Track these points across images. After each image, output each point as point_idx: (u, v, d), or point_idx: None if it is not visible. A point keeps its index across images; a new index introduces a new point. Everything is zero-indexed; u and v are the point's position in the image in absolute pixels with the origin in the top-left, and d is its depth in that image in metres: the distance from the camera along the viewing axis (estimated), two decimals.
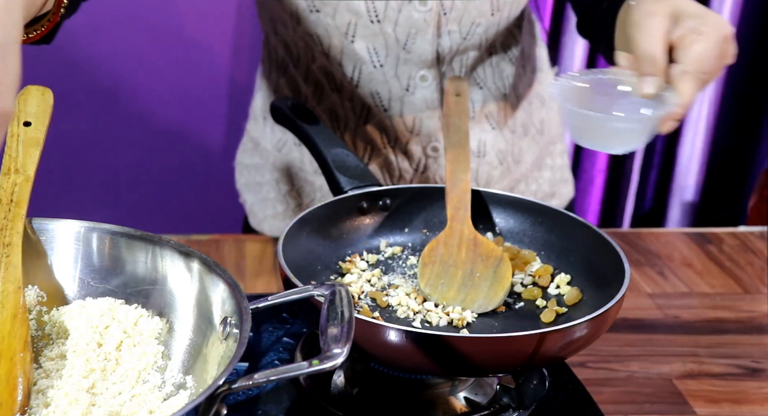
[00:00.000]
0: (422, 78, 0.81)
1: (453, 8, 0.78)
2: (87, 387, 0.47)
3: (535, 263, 0.68)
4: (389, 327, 0.52)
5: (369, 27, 0.78)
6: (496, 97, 0.87)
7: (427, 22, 0.78)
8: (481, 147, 0.88)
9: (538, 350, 0.53)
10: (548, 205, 0.70)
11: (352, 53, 0.79)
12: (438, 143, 0.85)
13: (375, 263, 0.68)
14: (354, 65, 0.80)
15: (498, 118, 0.88)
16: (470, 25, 0.79)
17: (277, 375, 0.43)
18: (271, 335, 0.66)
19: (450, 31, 0.79)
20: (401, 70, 0.81)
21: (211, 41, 1.42)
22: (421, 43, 0.79)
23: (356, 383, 0.60)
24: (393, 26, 0.77)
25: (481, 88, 0.85)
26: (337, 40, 0.79)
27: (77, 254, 0.54)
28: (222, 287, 0.49)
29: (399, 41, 0.78)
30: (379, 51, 0.78)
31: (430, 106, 0.83)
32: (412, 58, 0.80)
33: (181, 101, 1.44)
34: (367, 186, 0.70)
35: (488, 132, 0.88)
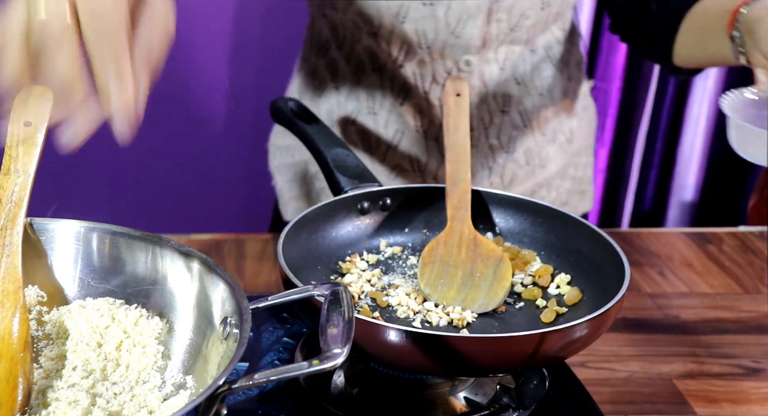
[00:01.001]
0: (466, 63, 0.83)
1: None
2: (87, 387, 0.47)
3: (535, 263, 0.68)
4: (389, 327, 0.52)
5: (420, 10, 0.79)
6: (533, 96, 0.89)
7: (479, 8, 0.79)
8: (511, 143, 0.89)
9: (538, 350, 0.53)
10: (548, 205, 0.70)
11: (401, 34, 0.81)
12: (472, 131, 0.86)
13: (375, 263, 0.68)
14: (401, 46, 0.82)
15: (531, 117, 0.90)
16: (519, 16, 0.81)
17: (278, 375, 0.43)
18: (271, 335, 0.66)
19: (499, 19, 0.80)
20: (447, 53, 0.82)
21: (212, 41, 1.42)
22: (471, 28, 0.80)
23: (356, 383, 0.60)
24: (445, 10, 0.79)
25: (518, 84, 0.87)
26: (387, 21, 0.80)
27: (77, 254, 0.54)
28: (222, 287, 0.49)
29: (449, 25, 0.80)
30: (428, 34, 0.80)
31: (471, 92, 0.84)
32: (459, 43, 0.81)
33: (181, 101, 1.44)
34: (367, 186, 0.70)
35: (520, 129, 0.89)
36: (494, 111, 0.87)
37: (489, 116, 0.87)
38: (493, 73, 0.85)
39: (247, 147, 1.47)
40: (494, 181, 0.91)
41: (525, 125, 0.89)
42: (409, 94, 0.85)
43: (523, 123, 0.89)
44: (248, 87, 1.43)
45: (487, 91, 0.86)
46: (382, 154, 0.89)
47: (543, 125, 0.92)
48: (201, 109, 1.47)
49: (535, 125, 0.90)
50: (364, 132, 0.89)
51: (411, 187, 0.73)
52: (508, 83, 0.87)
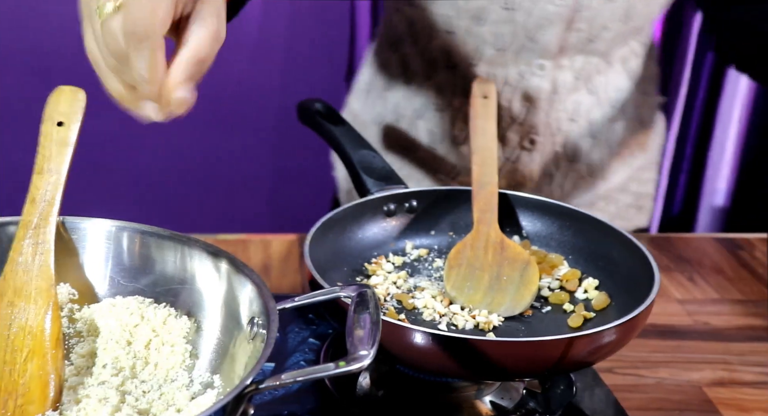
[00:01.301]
0: (540, 67, 0.82)
1: (588, 7, 0.79)
2: (116, 384, 0.48)
3: (562, 267, 0.67)
4: (415, 330, 0.52)
5: (500, 13, 0.79)
6: (603, 108, 0.87)
7: (559, 16, 0.78)
8: (576, 153, 0.88)
9: (565, 355, 0.52)
10: (576, 208, 0.69)
11: (478, 35, 0.80)
12: (537, 136, 0.86)
13: (401, 266, 0.68)
14: (476, 46, 0.81)
15: (600, 129, 0.88)
16: (600, 28, 0.80)
17: (304, 376, 0.43)
18: (297, 336, 0.67)
19: (579, 28, 0.80)
20: (522, 56, 0.81)
21: (240, 41, 1.43)
22: (549, 35, 0.80)
23: (382, 385, 0.60)
24: (525, 16, 0.78)
25: (591, 95, 0.86)
26: (465, 22, 0.80)
27: (108, 253, 0.54)
28: (249, 287, 0.50)
29: (527, 30, 0.79)
30: (505, 37, 0.79)
31: (540, 95, 0.84)
32: (535, 48, 0.81)
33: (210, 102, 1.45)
34: (394, 188, 0.70)
35: (586, 140, 0.88)
36: (562, 119, 0.86)
37: (556, 124, 0.86)
38: (566, 80, 0.84)
39: (274, 148, 1.48)
40: (554, 190, 0.91)
41: (592, 136, 0.88)
42: None
43: (590, 134, 0.88)
44: (275, 88, 1.44)
45: (557, 98, 0.85)
46: (445, 150, 0.89)
47: (611, 138, 0.90)
48: (229, 110, 1.48)
49: (603, 137, 0.89)
50: (429, 129, 0.89)
51: (437, 189, 0.73)
52: (579, 92, 0.86)
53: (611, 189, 0.94)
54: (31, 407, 0.45)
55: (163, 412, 0.47)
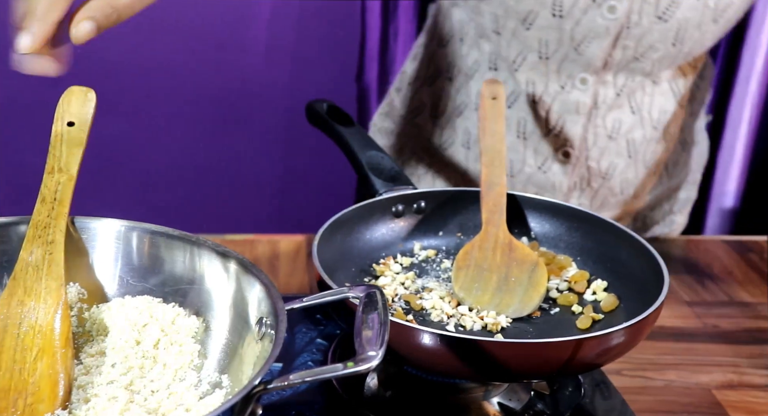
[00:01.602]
0: (582, 80, 0.81)
1: (638, 24, 0.77)
2: (125, 384, 0.48)
3: (570, 268, 0.67)
4: (423, 331, 0.52)
5: (548, 19, 0.78)
6: (645, 129, 0.86)
7: (608, 30, 0.77)
8: (610, 170, 0.87)
9: (574, 356, 0.52)
10: (585, 210, 0.69)
11: (523, 39, 0.80)
12: (572, 149, 0.85)
13: (409, 266, 0.68)
14: (520, 51, 0.81)
15: (638, 148, 0.87)
16: (647, 47, 0.78)
17: (313, 376, 0.43)
18: (305, 336, 0.67)
19: (626, 45, 0.78)
20: (564, 67, 0.80)
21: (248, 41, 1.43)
22: (595, 48, 0.78)
23: (389, 386, 0.60)
24: (573, 25, 0.77)
25: (633, 113, 0.84)
26: (512, 24, 0.79)
27: (117, 253, 0.54)
28: (258, 287, 0.50)
29: (573, 40, 0.78)
30: (550, 44, 0.79)
31: (579, 110, 0.82)
32: (580, 60, 0.80)
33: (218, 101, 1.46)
34: (402, 189, 0.70)
35: (623, 158, 0.87)
36: (600, 135, 0.85)
37: (593, 139, 0.84)
38: (608, 96, 0.83)
39: (283, 148, 1.48)
40: (583, 202, 0.90)
41: (630, 155, 0.86)
42: (518, 99, 0.84)
43: (628, 153, 0.86)
44: (284, 88, 1.45)
45: (597, 113, 0.84)
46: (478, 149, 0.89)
47: (649, 158, 0.89)
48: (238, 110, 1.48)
49: (641, 156, 0.88)
50: (466, 129, 0.89)
51: (446, 190, 0.73)
52: (622, 110, 0.84)
53: (642, 207, 0.93)
54: (41, 406, 0.45)
55: (171, 412, 0.47)
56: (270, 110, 1.47)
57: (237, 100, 1.47)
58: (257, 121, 1.49)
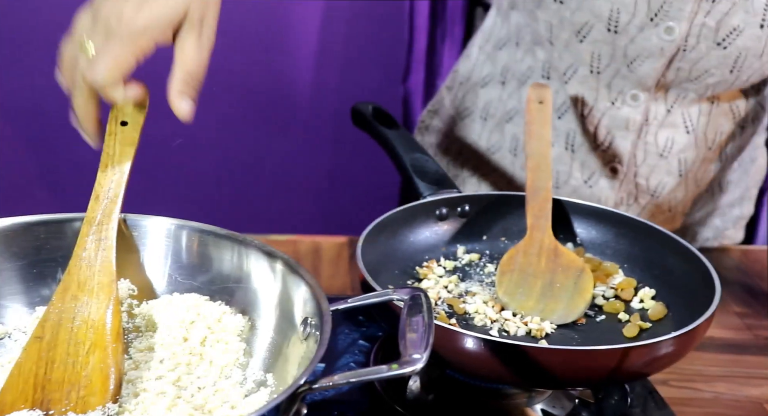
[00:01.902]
0: (633, 97, 0.79)
1: (695, 49, 0.75)
2: (173, 379, 0.49)
3: (617, 275, 0.66)
4: (467, 335, 0.52)
5: (603, 33, 0.76)
6: (699, 148, 0.83)
7: (663, 51, 0.75)
8: (659, 188, 0.85)
9: (620, 365, 0.51)
10: (633, 216, 0.68)
11: (576, 51, 0.79)
12: (620, 166, 0.83)
13: (452, 270, 0.68)
14: (571, 63, 0.80)
15: (690, 167, 0.84)
16: (703, 71, 0.76)
17: (357, 378, 0.43)
18: (347, 337, 0.67)
19: (680, 67, 0.76)
20: (616, 82, 0.79)
21: (296, 43, 1.44)
22: (648, 68, 0.76)
23: (432, 389, 0.60)
24: (627, 41, 0.75)
25: (688, 133, 0.81)
26: (566, 35, 0.78)
27: (167, 251, 0.55)
28: (304, 288, 0.50)
29: (626, 57, 0.77)
30: (603, 59, 0.77)
31: (629, 126, 0.80)
32: (631, 78, 0.78)
33: (265, 102, 1.47)
34: (446, 192, 0.70)
35: (673, 176, 0.84)
36: (651, 152, 0.82)
37: (643, 155, 0.82)
38: (659, 112, 0.80)
39: (327, 150, 1.49)
40: None
41: (681, 174, 0.84)
42: (568, 111, 0.83)
43: (679, 172, 0.84)
44: (331, 90, 1.45)
45: (647, 130, 0.82)
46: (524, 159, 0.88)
47: (700, 177, 0.86)
48: (284, 111, 1.49)
49: (692, 175, 0.85)
50: (515, 136, 0.89)
51: (490, 194, 0.72)
52: (676, 130, 0.82)
53: (691, 223, 0.91)
54: (93, 398, 0.46)
55: (217, 408, 0.47)
56: (316, 111, 1.48)
57: (284, 101, 1.48)
58: (303, 122, 1.50)
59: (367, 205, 1.28)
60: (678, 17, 0.73)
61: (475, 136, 0.93)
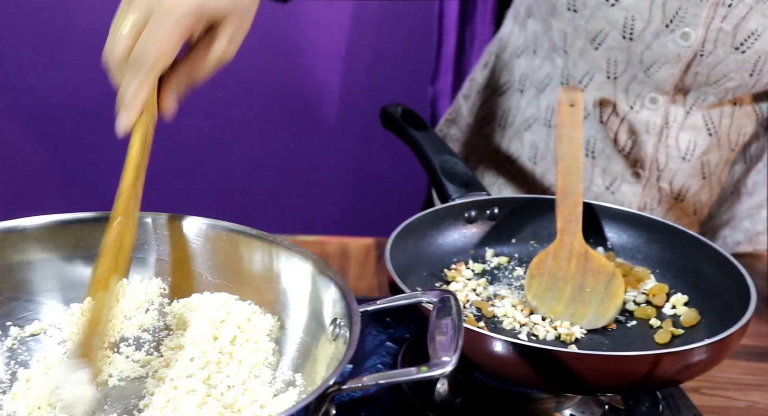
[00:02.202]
0: (652, 100, 0.78)
1: (712, 53, 0.74)
2: (203, 378, 0.49)
3: (649, 281, 0.65)
4: (496, 338, 0.52)
5: (619, 41, 0.76)
6: (722, 149, 0.83)
7: (680, 57, 0.74)
8: (683, 191, 0.84)
9: (652, 372, 0.50)
10: (665, 221, 0.67)
11: (591, 59, 0.79)
12: (642, 170, 0.82)
13: (480, 273, 0.67)
14: (588, 71, 0.80)
15: (713, 169, 0.83)
16: (722, 76, 0.75)
17: (387, 379, 0.43)
18: (375, 339, 0.67)
19: (698, 72, 0.75)
20: (633, 87, 0.78)
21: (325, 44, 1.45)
22: (664, 74, 0.76)
23: (460, 392, 0.60)
24: (643, 48, 0.75)
25: (710, 135, 0.80)
26: (581, 43, 0.78)
27: (198, 250, 0.56)
28: (333, 289, 0.50)
29: (643, 64, 0.76)
30: (619, 65, 0.77)
31: (649, 129, 0.80)
32: (649, 83, 0.77)
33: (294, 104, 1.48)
34: (475, 195, 0.70)
35: (697, 179, 0.84)
36: (672, 156, 0.82)
37: (665, 159, 0.81)
38: (679, 116, 0.80)
39: (356, 151, 1.50)
40: None
41: (704, 176, 0.83)
42: (587, 118, 0.82)
43: (702, 174, 0.83)
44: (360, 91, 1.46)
45: (668, 133, 0.81)
46: (547, 165, 0.88)
47: (725, 179, 0.86)
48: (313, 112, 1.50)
49: (716, 178, 0.84)
50: (533, 141, 0.88)
51: (520, 197, 0.72)
52: (698, 132, 0.81)
53: (718, 226, 0.90)
54: None
55: (246, 407, 0.48)
56: (344, 112, 1.48)
57: (312, 102, 1.49)
58: (332, 123, 1.51)
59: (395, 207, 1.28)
60: (694, 23, 0.72)
61: (494, 144, 0.93)
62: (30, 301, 0.54)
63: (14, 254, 0.53)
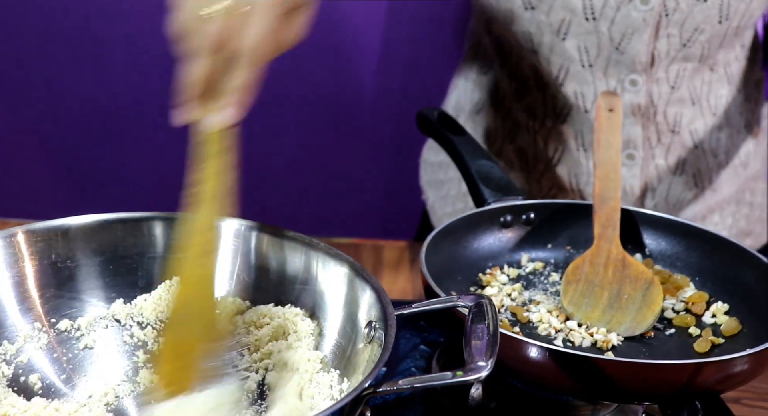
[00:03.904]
0: (632, 82, 0.79)
1: (677, 10, 0.75)
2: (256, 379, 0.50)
3: (688, 288, 0.64)
4: (532, 344, 0.51)
5: (583, 25, 0.77)
6: (705, 117, 0.83)
7: (646, 22, 0.75)
8: (679, 165, 0.85)
9: (691, 381, 0.50)
10: (705, 228, 0.66)
11: (562, 51, 0.79)
12: (635, 151, 0.83)
13: (516, 278, 0.67)
14: (561, 64, 0.80)
15: (702, 138, 0.84)
16: (693, 30, 0.76)
17: (422, 383, 0.43)
18: (408, 342, 0.67)
19: (669, 34, 0.76)
20: (611, 71, 0.78)
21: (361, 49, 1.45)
22: (637, 43, 0.76)
23: (494, 397, 0.60)
24: (609, 25, 0.76)
25: (693, 104, 0.81)
26: (547, 38, 0.78)
27: (236, 251, 0.57)
28: (369, 292, 0.51)
29: (613, 41, 0.76)
30: (590, 50, 0.77)
31: (634, 112, 0.80)
32: (624, 60, 0.78)
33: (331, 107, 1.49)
34: (511, 199, 0.70)
35: (689, 150, 0.84)
36: (663, 131, 0.83)
37: (657, 136, 0.82)
38: (662, 92, 0.80)
39: (390, 154, 1.50)
40: (658, 203, 0.87)
41: (695, 146, 0.84)
42: (570, 112, 0.83)
43: (693, 144, 0.84)
44: (395, 94, 1.46)
45: (655, 111, 0.82)
46: (539, 172, 0.88)
47: (715, 147, 0.86)
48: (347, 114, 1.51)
49: (707, 146, 0.85)
50: (521, 150, 0.88)
51: (556, 202, 0.71)
52: (680, 102, 0.82)
53: (723, 201, 0.89)
54: None
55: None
56: (380, 115, 1.49)
57: (348, 105, 1.50)
58: (366, 126, 1.51)
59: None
60: None
61: None
62: (74, 299, 0.55)
63: (60, 252, 0.54)
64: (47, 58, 1.34)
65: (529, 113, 0.86)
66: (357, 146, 1.53)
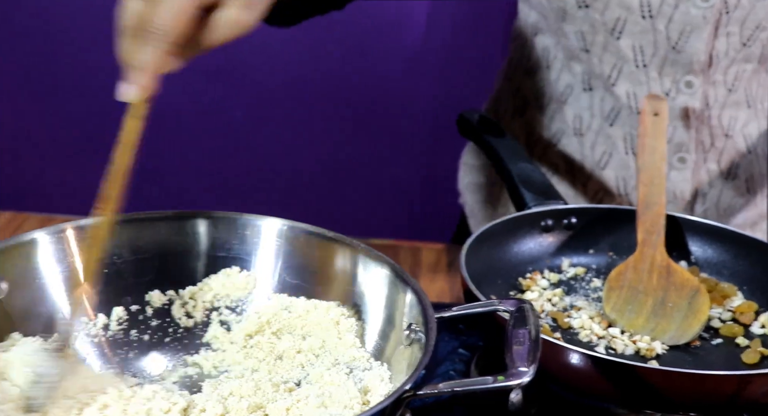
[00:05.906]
0: (687, 84, 0.76)
1: (738, 6, 0.72)
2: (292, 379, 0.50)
3: (735, 298, 0.62)
4: (574, 350, 0.51)
5: (639, 23, 0.74)
6: (759, 120, 0.81)
7: (705, 19, 0.72)
8: (731, 170, 0.82)
9: (739, 393, 0.49)
10: (754, 236, 0.64)
11: (616, 51, 0.77)
12: (687, 154, 0.80)
13: (556, 283, 0.66)
14: (615, 64, 0.78)
15: (756, 142, 0.82)
16: (754, 28, 0.73)
17: (463, 387, 0.43)
18: (447, 345, 0.67)
19: (729, 32, 0.74)
20: (666, 72, 0.76)
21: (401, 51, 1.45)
22: (695, 42, 0.74)
23: (534, 403, 0.59)
24: (666, 23, 0.73)
25: (749, 107, 0.79)
26: (601, 37, 0.77)
27: (278, 251, 0.57)
28: (409, 294, 0.50)
29: (670, 40, 0.74)
30: (646, 49, 0.75)
31: (689, 114, 0.78)
32: (681, 60, 0.75)
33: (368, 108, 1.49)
34: (552, 203, 0.69)
35: (742, 156, 0.82)
36: (717, 135, 0.80)
37: (710, 140, 0.80)
38: (719, 95, 0.78)
39: (428, 156, 1.50)
40: (708, 209, 0.85)
41: (749, 150, 0.82)
42: (619, 114, 0.81)
43: (746, 148, 0.81)
44: (433, 95, 1.46)
45: (710, 114, 0.79)
46: (586, 176, 0.87)
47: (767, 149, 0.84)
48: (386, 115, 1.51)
49: (761, 150, 0.82)
50: (566, 153, 0.87)
51: (598, 207, 0.70)
52: (736, 105, 0.79)
53: None
54: None
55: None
56: (419, 117, 1.49)
57: (387, 106, 1.50)
58: (406, 127, 1.51)
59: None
60: None
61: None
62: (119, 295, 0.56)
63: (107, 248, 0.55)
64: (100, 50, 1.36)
65: (576, 115, 0.84)
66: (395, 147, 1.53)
